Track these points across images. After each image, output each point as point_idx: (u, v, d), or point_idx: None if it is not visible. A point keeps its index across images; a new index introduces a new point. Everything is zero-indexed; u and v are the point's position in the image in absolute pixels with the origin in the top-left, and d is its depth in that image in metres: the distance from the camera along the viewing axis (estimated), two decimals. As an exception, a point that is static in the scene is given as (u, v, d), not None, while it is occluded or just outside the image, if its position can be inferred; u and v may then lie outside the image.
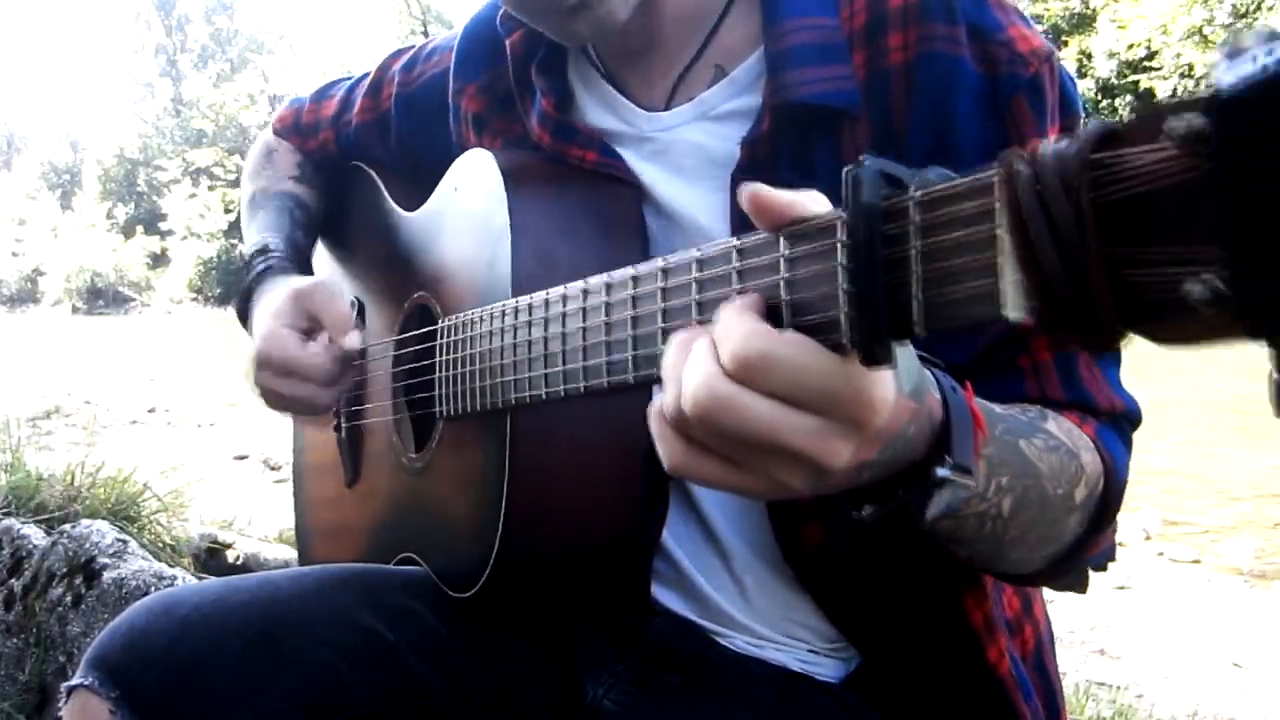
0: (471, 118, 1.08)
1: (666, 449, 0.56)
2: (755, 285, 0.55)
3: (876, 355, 0.49)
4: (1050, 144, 0.42)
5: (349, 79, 1.34)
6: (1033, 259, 0.42)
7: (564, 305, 0.74)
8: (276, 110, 1.42)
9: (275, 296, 1.08)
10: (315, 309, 1.06)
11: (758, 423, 0.51)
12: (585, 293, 0.71)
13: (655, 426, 0.57)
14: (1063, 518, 0.75)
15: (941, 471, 0.59)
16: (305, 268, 1.19)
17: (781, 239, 0.54)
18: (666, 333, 0.62)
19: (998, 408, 0.72)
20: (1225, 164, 0.35)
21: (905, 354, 0.54)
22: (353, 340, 1.04)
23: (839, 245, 0.51)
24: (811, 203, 0.53)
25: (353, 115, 1.27)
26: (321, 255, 1.37)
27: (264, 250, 1.18)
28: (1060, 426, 0.76)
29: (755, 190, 0.53)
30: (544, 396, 0.77)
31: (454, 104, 1.10)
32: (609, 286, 0.68)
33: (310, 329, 1.06)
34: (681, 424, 0.54)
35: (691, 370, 0.53)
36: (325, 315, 1.05)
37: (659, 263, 0.63)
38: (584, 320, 0.71)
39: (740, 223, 0.86)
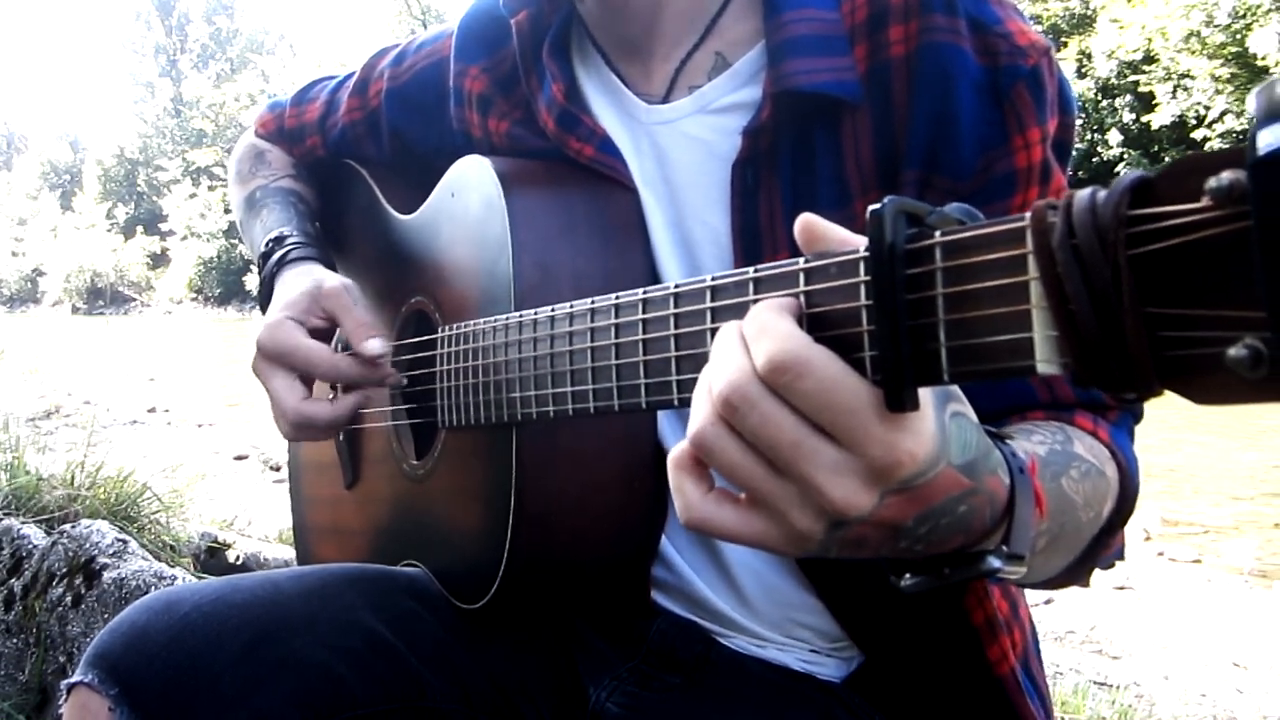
0: (476, 98, 1.08)
1: (683, 501, 0.54)
2: None
3: (904, 401, 0.48)
4: (1082, 195, 0.41)
5: (328, 80, 1.33)
6: (1068, 316, 0.41)
7: (570, 324, 0.73)
8: (256, 113, 1.41)
9: (293, 288, 1.05)
10: (334, 310, 1.02)
11: (781, 430, 0.49)
12: (593, 313, 0.70)
13: (673, 478, 0.55)
14: (1087, 533, 0.75)
15: (995, 562, 0.56)
16: (324, 253, 1.17)
17: (801, 274, 0.53)
18: (680, 361, 0.61)
19: (1039, 446, 0.70)
20: (1266, 223, 0.34)
21: (964, 425, 0.52)
22: (374, 345, 0.97)
23: (861, 284, 0.50)
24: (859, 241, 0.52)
25: (339, 117, 1.26)
26: None
27: (280, 240, 1.16)
28: (1084, 444, 0.75)
29: (811, 221, 0.52)
30: (551, 414, 0.77)
31: (456, 87, 1.10)
32: (617, 308, 0.68)
33: (322, 328, 1.03)
34: (710, 431, 0.51)
35: (722, 364, 0.51)
36: (347, 317, 1.01)
37: (670, 287, 0.62)
38: (591, 340, 0.70)
39: (741, 215, 0.86)
